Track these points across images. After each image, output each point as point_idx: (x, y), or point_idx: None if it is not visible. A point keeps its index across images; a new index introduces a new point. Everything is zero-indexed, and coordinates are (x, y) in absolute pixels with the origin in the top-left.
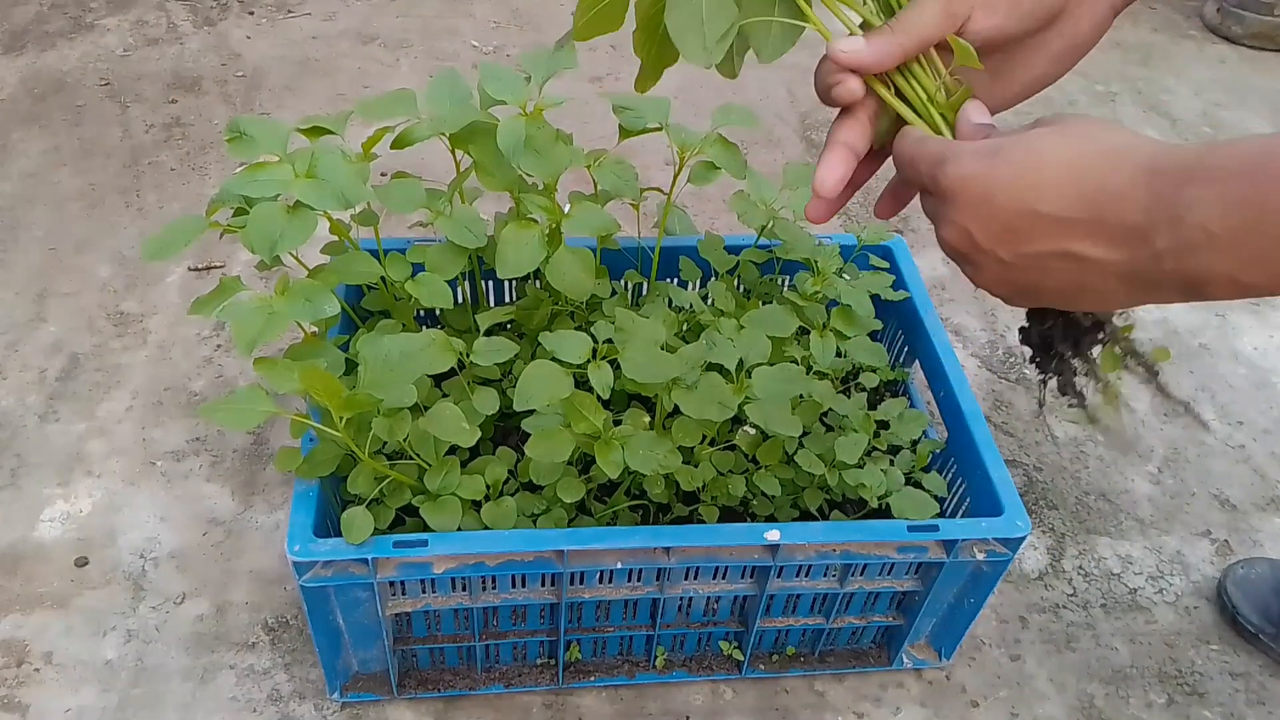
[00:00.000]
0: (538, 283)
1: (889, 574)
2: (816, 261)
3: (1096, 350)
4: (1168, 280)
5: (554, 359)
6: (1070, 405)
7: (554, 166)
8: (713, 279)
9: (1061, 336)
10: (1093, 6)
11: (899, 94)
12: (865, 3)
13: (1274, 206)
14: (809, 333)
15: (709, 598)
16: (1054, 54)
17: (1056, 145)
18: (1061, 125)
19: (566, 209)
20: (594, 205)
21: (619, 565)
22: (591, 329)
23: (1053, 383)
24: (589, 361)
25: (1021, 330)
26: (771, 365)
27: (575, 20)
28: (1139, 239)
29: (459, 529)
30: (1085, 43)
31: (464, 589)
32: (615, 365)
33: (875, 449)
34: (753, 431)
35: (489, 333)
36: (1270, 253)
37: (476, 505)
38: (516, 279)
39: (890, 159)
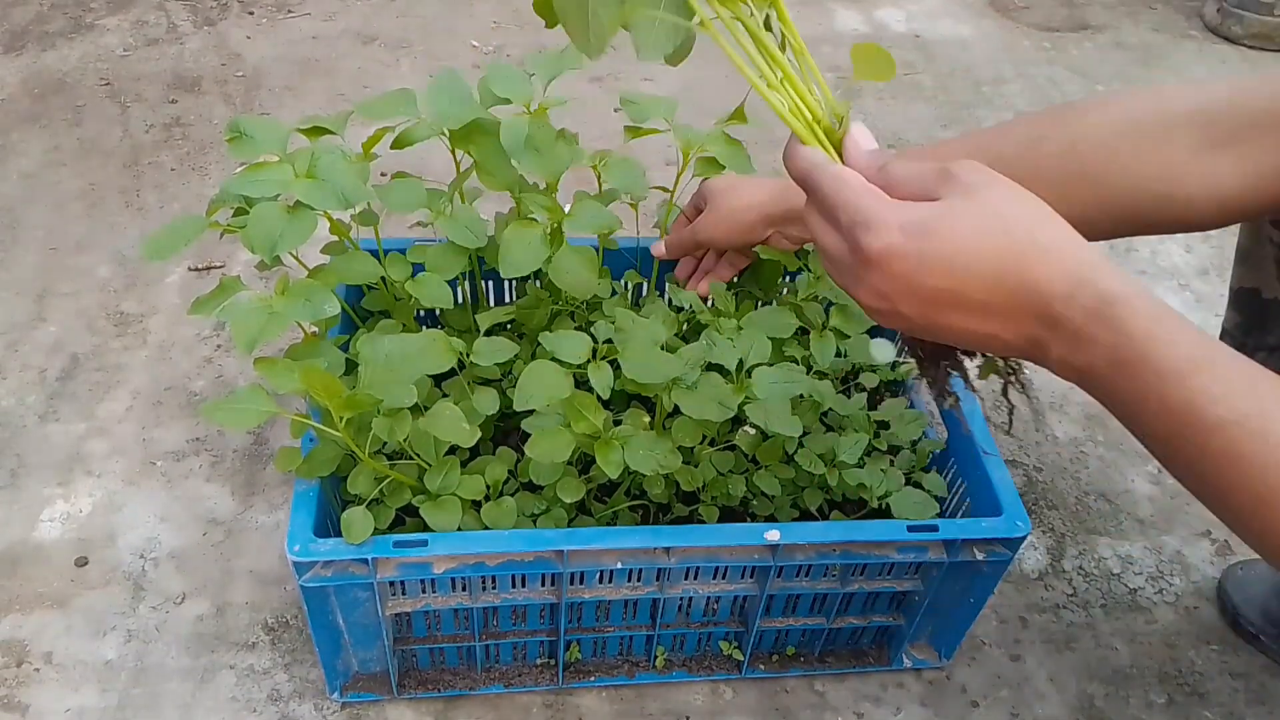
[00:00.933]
0: (538, 283)
1: (889, 574)
2: (809, 261)
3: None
4: (1054, 368)
5: (554, 359)
6: (947, 405)
7: (555, 165)
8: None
9: (949, 356)
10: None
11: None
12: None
13: (1134, 378)
14: (809, 332)
15: (709, 598)
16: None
17: (983, 230)
18: (984, 203)
19: (567, 209)
20: (596, 203)
21: (619, 565)
22: (591, 329)
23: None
24: (589, 361)
25: (911, 343)
26: (771, 365)
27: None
28: (1036, 337)
29: (459, 529)
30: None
31: (464, 589)
32: (615, 365)
33: (875, 449)
34: (753, 431)
35: (489, 333)
36: (1122, 410)
37: (476, 505)
38: (516, 279)
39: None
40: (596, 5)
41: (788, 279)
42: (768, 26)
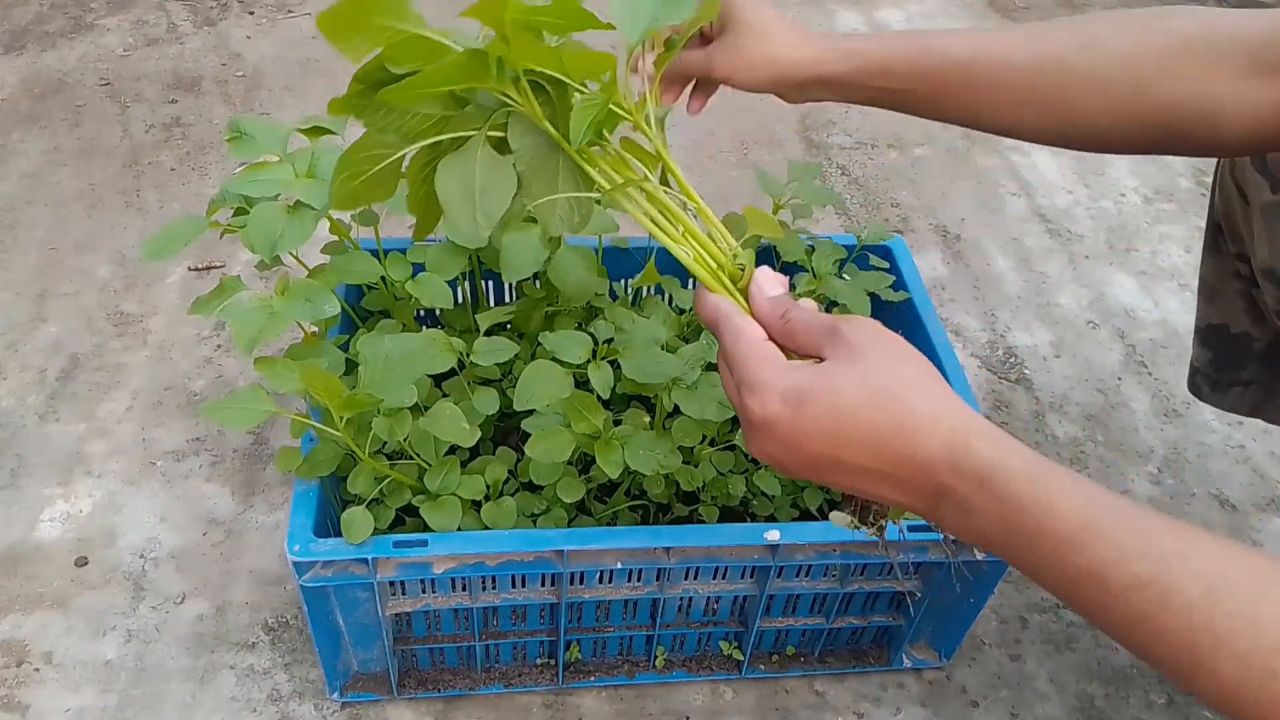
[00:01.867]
0: (536, 282)
1: (889, 574)
2: (811, 261)
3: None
4: (951, 532)
5: (554, 359)
6: (869, 530)
7: None
8: None
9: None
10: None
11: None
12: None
13: (1029, 546)
14: None
15: (709, 598)
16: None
17: (860, 402)
18: (864, 370)
19: None
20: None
21: (619, 565)
22: (591, 329)
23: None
24: (589, 361)
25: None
26: None
27: (332, 188)
28: (927, 504)
29: (459, 529)
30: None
31: (464, 589)
32: (615, 365)
33: None
34: None
35: (489, 333)
36: (1025, 571)
37: (476, 505)
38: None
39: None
40: (484, 190)
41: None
42: (664, 183)
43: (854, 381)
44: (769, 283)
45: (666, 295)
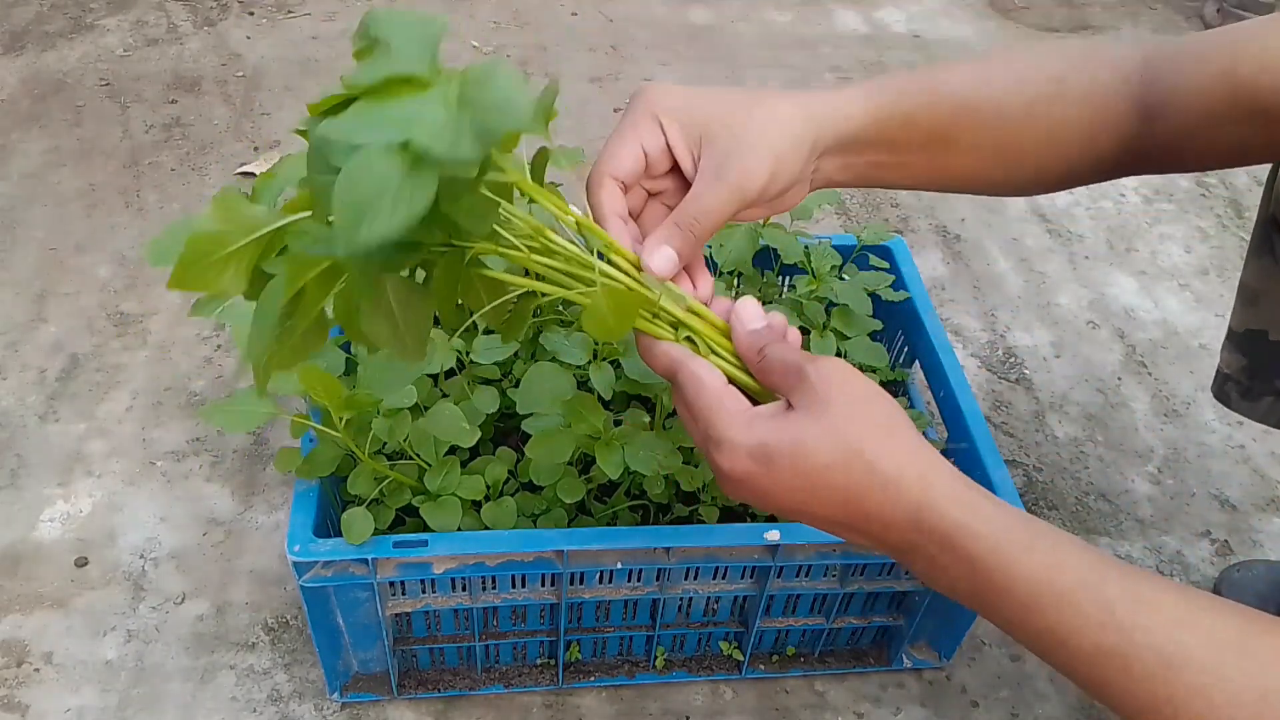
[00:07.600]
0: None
1: (889, 574)
2: (810, 263)
3: None
4: (923, 583)
5: (555, 360)
6: None
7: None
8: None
9: None
10: (801, 190)
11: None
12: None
13: (996, 606)
14: (809, 332)
15: (709, 598)
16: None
17: (824, 463)
18: (828, 425)
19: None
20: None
21: (619, 565)
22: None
23: None
24: (590, 362)
25: None
26: None
27: (260, 360)
28: (898, 555)
29: (459, 529)
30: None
31: (464, 589)
32: (616, 365)
33: None
34: None
35: (489, 332)
36: (998, 624)
37: (476, 505)
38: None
39: None
40: (406, 328)
41: (784, 277)
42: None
43: (819, 438)
44: (750, 316)
45: None
